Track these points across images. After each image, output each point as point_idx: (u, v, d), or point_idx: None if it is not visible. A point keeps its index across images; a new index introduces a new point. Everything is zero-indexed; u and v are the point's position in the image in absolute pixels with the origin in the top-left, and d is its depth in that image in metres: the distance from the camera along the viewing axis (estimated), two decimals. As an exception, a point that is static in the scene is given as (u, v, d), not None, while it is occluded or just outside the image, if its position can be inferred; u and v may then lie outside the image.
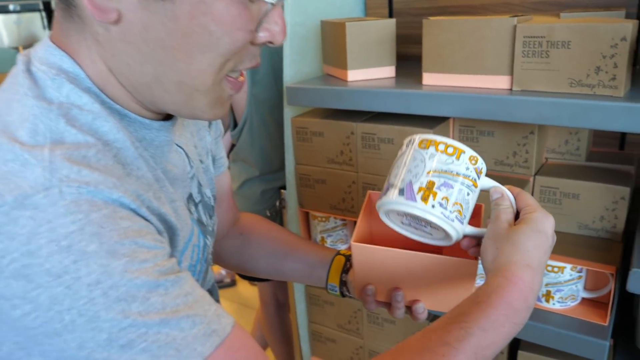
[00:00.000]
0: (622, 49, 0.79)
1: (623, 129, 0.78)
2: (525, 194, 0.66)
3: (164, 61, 0.51)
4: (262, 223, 0.94)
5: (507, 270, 0.58)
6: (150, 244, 0.46)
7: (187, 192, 0.64)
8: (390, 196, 0.65)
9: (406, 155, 0.67)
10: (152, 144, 0.58)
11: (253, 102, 1.45)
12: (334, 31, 1.13)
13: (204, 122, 0.75)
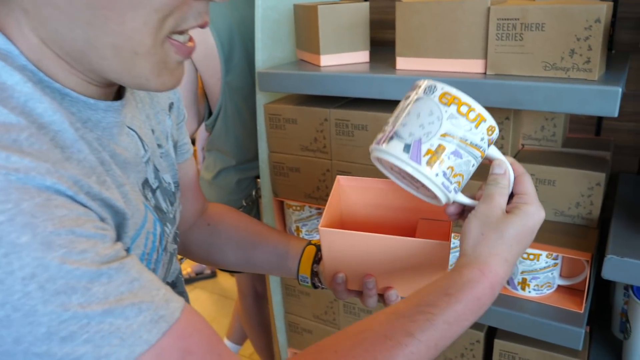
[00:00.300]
0: (596, 31, 0.77)
1: (597, 113, 0.77)
2: (527, 178, 0.62)
3: (93, 22, 0.47)
4: (231, 213, 0.91)
5: (485, 264, 0.57)
6: (89, 232, 0.43)
7: (143, 177, 0.61)
8: (393, 148, 0.58)
9: (422, 103, 0.59)
10: (99, 125, 0.54)
11: (227, 90, 1.42)
12: (306, 15, 1.09)
13: (163, 106, 0.72)
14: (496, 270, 0.56)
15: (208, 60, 1.38)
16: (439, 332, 0.53)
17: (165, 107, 0.72)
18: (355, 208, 0.78)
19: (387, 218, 0.77)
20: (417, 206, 0.75)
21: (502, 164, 0.61)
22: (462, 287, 0.55)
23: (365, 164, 1.07)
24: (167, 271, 0.69)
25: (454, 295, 0.55)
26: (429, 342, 0.52)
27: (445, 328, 0.53)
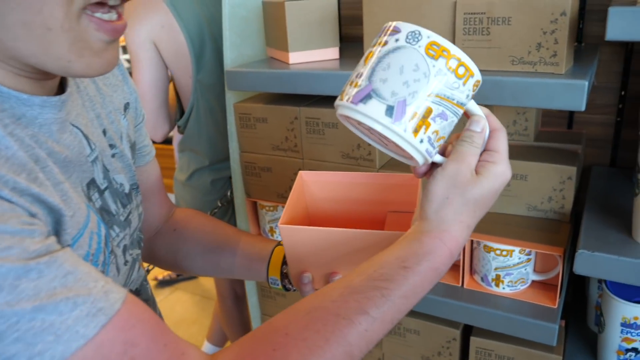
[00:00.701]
0: (562, 24, 0.77)
1: (564, 107, 0.76)
2: (502, 135, 0.57)
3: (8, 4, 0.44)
4: (198, 217, 0.88)
5: (447, 232, 0.54)
6: (15, 228, 0.41)
7: (89, 177, 0.59)
8: (373, 110, 0.51)
9: (404, 54, 0.51)
10: (34, 122, 0.51)
11: (199, 88, 1.39)
12: (274, 11, 1.07)
13: (117, 105, 0.69)
14: (457, 237, 0.55)
15: (178, 58, 1.35)
16: (394, 307, 0.51)
17: (119, 107, 0.70)
18: (322, 204, 0.76)
19: (355, 212, 0.75)
20: (385, 198, 0.73)
21: (481, 120, 0.57)
22: (421, 259, 0.53)
23: (338, 163, 1.06)
24: (128, 278, 0.67)
25: (411, 268, 0.53)
26: (385, 318, 0.51)
27: (401, 302, 0.52)
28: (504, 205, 1.02)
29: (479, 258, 0.99)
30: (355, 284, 0.53)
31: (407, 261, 0.53)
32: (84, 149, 0.58)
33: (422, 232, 0.55)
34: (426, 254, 0.53)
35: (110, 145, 0.65)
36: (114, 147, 0.66)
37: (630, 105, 1.09)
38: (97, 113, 0.64)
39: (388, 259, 0.54)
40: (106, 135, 0.65)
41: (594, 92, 1.11)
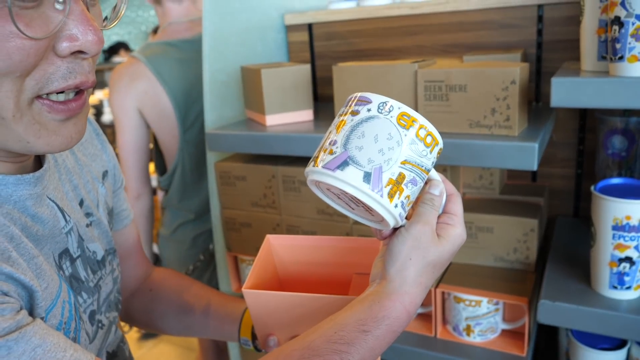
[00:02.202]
0: (512, 92, 0.84)
1: (517, 167, 0.82)
2: (458, 199, 0.61)
3: None
4: (174, 278, 0.90)
5: (407, 294, 0.56)
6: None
7: (62, 247, 0.61)
8: (350, 176, 0.52)
9: (378, 124, 0.53)
10: (9, 199, 0.55)
11: (185, 147, 1.45)
12: (251, 77, 1.14)
13: (95, 174, 0.73)
14: (416, 299, 0.56)
15: (163, 120, 1.41)
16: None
17: (98, 176, 0.73)
18: (290, 266, 0.79)
19: (322, 275, 0.78)
20: (350, 261, 0.76)
21: (439, 185, 0.60)
22: (381, 323, 0.55)
23: (314, 218, 1.11)
24: (104, 341, 0.69)
25: (371, 332, 0.54)
26: None
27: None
28: (472, 256, 1.07)
29: (450, 308, 1.03)
30: (315, 345, 0.54)
31: (367, 325, 0.55)
32: (58, 222, 0.61)
33: (383, 293, 0.57)
34: (385, 318, 0.55)
35: (87, 214, 0.68)
36: (90, 215, 0.69)
37: (588, 159, 1.16)
38: (75, 184, 0.67)
39: (348, 321, 0.56)
40: (83, 205, 0.68)
41: (554, 147, 1.18)
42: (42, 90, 0.50)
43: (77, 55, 0.50)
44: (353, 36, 1.34)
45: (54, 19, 0.48)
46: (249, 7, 1.29)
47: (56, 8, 0.48)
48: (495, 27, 1.16)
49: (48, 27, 0.48)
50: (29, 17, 0.47)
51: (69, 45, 0.49)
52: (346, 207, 0.61)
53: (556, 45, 1.12)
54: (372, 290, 0.58)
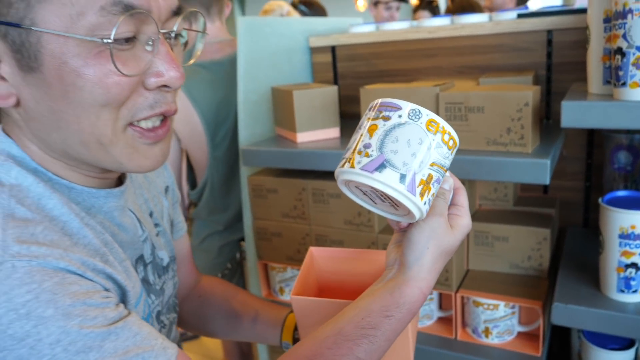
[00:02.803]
0: (526, 113, 0.92)
1: (531, 181, 0.90)
2: (464, 192, 0.68)
3: (61, 126, 0.58)
4: (220, 285, 0.99)
5: (425, 280, 0.63)
6: (98, 301, 0.53)
7: (138, 253, 0.71)
8: (388, 178, 0.57)
9: (409, 129, 0.58)
10: (101, 210, 0.64)
11: (214, 163, 1.54)
12: (283, 97, 1.24)
13: (160, 189, 0.82)
14: (431, 283, 0.63)
15: (193, 138, 1.51)
16: (380, 348, 0.61)
17: (162, 190, 0.83)
18: (330, 276, 0.86)
19: (358, 285, 0.84)
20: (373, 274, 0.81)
21: (449, 180, 0.66)
22: (402, 307, 0.62)
23: (341, 228, 1.19)
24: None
25: (394, 316, 0.61)
26: (372, 357, 0.61)
27: (385, 343, 0.62)
28: (490, 263, 1.15)
29: (470, 312, 1.11)
30: (346, 331, 0.61)
31: (390, 310, 0.62)
32: (137, 231, 0.72)
33: (403, 280, 0.63)
34: (406, 303, 0.62)
35: (155, 224, 0.79)
36: (158, 225, 0.79)
37: (596, 173, 1.24)
38: (145, 198, 0.78)
39: (373, 307, 0.62)
40: (152, 217, 0.78)
41: (564, 162, 1.26)
42: (133, 117, 0.59)
43: (162, 88, 0.60)
44: (374, 58, 1.43)
45: (144, 58, 0.58)
46: (277, 31, 1.39)
47: (146, 49, 0.58)
48: (508, 50, 1.25)
49: (139, 66, 0.57)
50: (125, 58, 0.56)
51: (155, 81, 0.59)
52: (370, 202, 0.66)
53: (565, 67, 1.21)
54: (392, 276, 0.65)
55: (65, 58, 0.54)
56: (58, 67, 0.55)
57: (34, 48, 0.54)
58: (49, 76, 0.55)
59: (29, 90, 0.57)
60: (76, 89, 0.55)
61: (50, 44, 0.54)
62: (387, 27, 1.42)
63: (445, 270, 1.09)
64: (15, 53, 0.55)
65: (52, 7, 0.53)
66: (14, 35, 0.54)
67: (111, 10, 0.53)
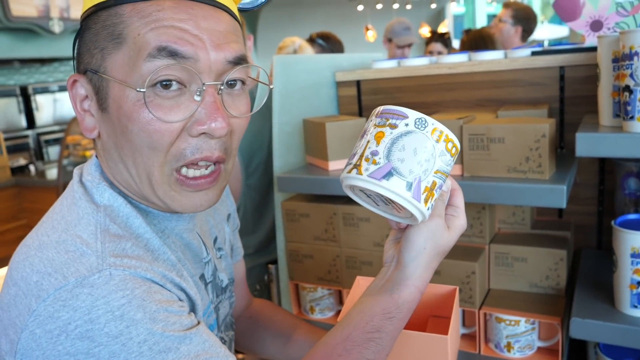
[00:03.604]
0: (543, 143, 1.02)
1: (549, 206, 0.99)
2: (461, 194, 0.72)
3: (123, 159, 0.67)
4: (269, 307, 1.07)
5: (421, 279, 0.68)
6: (176, 310, 0.62)
7: (199, 272, 0.79)
8: (395, 186, 0.60)
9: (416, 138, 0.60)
10: (173, 231, 0.73)
11: (247, 191, 1.64)
12: (315, 128, 1.34)
13: (223, 217, 0.92)
14: (427, 280, 0.69)
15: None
16: (386, 347, 0.68)
17: (224, 218, 0.93)
18: None
19: None
20: (427, 303, 0.89)
21: (447, 182, 0.69)
22: (402, 307, 0.68)
23: (370, 250, 1.28)
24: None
25: (395, 317, 0.68)
26: (380, 356, 0.67)
27: (391, 341, 0.69)
28: (510, 283, 1.23)
29: (492, 328, 1.19)
30: (354, 337, 0.67)
31: (391, 312, 0.68)
32: (202, 252, 0.80)
33: (400, 279, 0.69)
34: (405, 302, 0.68)
35: (218, 249, 0.87)
36: (221, 250, 0.88)
37: (608, 198, 1.33)
38: (211, 224, 0.87)
39: (375, 311, 0.68)
40: (216, 242, 0.87)
41: (578, 188, 1.35)
42: (178, 162, 0.66)
43: (206, 135, 0.66)
44: (396, 91, 1.54)
45: (190, 107, 0.64)
46: (307, 68, 1.50)
47: (195, 99, 0.64)
48: (523, 85, 1.35)
49: (183, 114, 0.63)
50: (169, 106, 0.63)
51: (197, 129, 0.64)
52: (372, 204, 0.70)
53: (576, 100, 1.31)
54: (390, 276, 0.71)
55: (121, 103, 0.63)
56: (117, 110, 0.64)
57: (104, 92, 0.65)
58: (112, 116, 0.65)
59: (104, 126, 0.67)
60: (128, 131, 0.64)
61: (113, 89, 0.64)
62: (409, 63, 1.53)
63: (469, 289, 1.17)
64: (96, 94, 0.66)
65: (117, 57, 0.63)
66: (95, 79, 0.66)
67: (157, 56, 0.61)
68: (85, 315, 0.56)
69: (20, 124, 5.55)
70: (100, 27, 0.64)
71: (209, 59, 0.63)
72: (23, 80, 5.81)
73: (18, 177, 4.39)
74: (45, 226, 0.66)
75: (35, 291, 0.58)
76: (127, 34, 0.62)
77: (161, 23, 0.61)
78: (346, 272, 1.33)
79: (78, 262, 0.59)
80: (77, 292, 0.57)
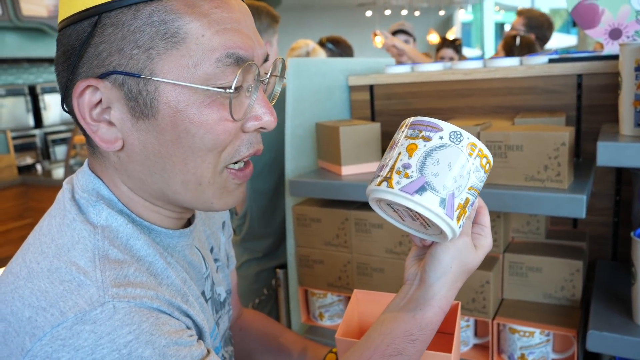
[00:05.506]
0: (562, 152, 1.00)
1: (568, 215, 0.97)
2: (487, 212, 0.69)
3: (165, 168, 0.61)
4: (260, 319, 1.03)
5: (445, 299, 0.66)
6: (186, 340, 0.58)
7: (200, 289, 0.74)
8: (429, 202, 0.57)
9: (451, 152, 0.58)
10: (175, 249, 0.69)
11: (252, 194, 1.63)
12: (328, 133, 1.33)
13: (218, 225, 0.87)
14: (451, 300, 0.67)
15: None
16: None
17: (219, 226, 0.89)
18: (371, 319, 0.89)
19: None
20: None
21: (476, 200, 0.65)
22: (425, 329, 0.65)
23: (382, 257, 1.26)
24: None
25: (418, 339, 0.65)
26: None
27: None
28: (524, 293, 1.21)
29: (506, 339, 1.17)
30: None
31: (414, 335, 0.65)
32: (202, 268, 0.75)
33: (424, 299, 0.66)
34: (429, 324, 0.65)
35: (215, 259, 0.83)
36: (217, 260, 0.84)
37: (624, 208, 1.30)
38: (207, 234, 0.82)
39: (397, 333, 0.65)
40: (213, 252, 0.82)
41: (594, 197, 1.33)
42: (231, 160, 0.64)
43: (258, 130, 0.65)
44: (410, 97, 1.53)
45: (245, 103, 0.63)
46: (320, 71, 1.49)
47: (246, 95, 0.63)
48: (539, 92, 1.34)
49: (243, 111, 0.62)
50: (234, 105, 0.61)
51: (254, 124, 0.64)
52: (398, 219, 0.67)
53: (594, 109, 1.29)
54: (413, 295, 0.68)
55: (180, 106, 0.58)
56: (173, 115, 0.59)
57: (150, 96, 0.58)
58: (162, 122, 0.59)
59: (138, 135, 0.60)
60: (188, 135, 0.59)
61: (166, 92, 0.58)
62: (423, 69, 1.52)
63: (483, 299, 1.15)
64: (130, 101, 0.59)
65: (171, 58, 0.58)
66: (131, 84, 0.58)
67: (225, 61, 0.59)
68: (89, 355, 0.51)
69: (28, 123, 5.55)
70: (141, 24, 0.57)
71: (258, 56, 0.64)
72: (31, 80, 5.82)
73: (25, 176, 4.38)
74: (33, 250, 0.60)
75: (29, 329, 0.53)
76: (186, 34, 0.58)
77: (223, 25, 0.60)
78: (357, 278, 1.31)
79: (76, 294, 0.54)
80: (78, 329, 0.52)
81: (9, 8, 4.74)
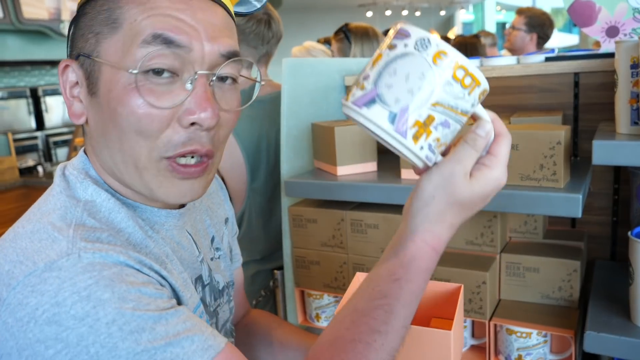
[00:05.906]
0: (558, 151, 0.99)
1: (564, 215, 0.96)
2: (505, 140, 0.60)
3: (109, 145, 0.65)
4: (266, 317, 1.05)
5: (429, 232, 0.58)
6: (152, 292, 0.58)
7: (197, 273, 0.76)
8: (376, 115, 0.51)
9: (411, 61, 0.50)
10: (163, 227, 0.71)
11: (251, 195, 1.62)
12: (324, 133, 1.32)
13: (221, 219, 0.89)
14: (440, 235, 0.59)
15: (235, 170, 1.60)
16: (400, 316, 0.58)
17: (222, 220, 0.90)
18: None
19: None
20: (429, 303, 0.87)
21: (486, 125, 0.58)
22: (408, 267, 0.58)
23: (378, 257, 1.25)
24: None
25: (401, 278, 0.58)
26: (395, 328, 0.58)
27: (404, 309, 0.59)
28: (521, 293, 1.20)
29: (503, 340, 1.16)
30: (360, 307, 0.60)
31: (396, 273, 0.58)
32: (194, 251, 0.77)
33: (405, 233, 0.60)
34: (412, 260, 0.58)
35: (216, 249, 0.85)
36: (219, 250, 0.85)
37: (622, 208, 1.29)
38: (208, 223, 0.84)
39: (381, 273, 0.60)
40: (214, 242, 0.84)
41: (591, 197, 1.32)
42: (167, 152, 0.64)
43: (196, 127, 0.64)
44: (407, 96, 1.52)
45: (180, 96, 0.63)
46: (316, 71, 1.48)
47: (186, 88, 0.63)
48: (536, 91, 1.33)
49: (173, 101, 0.62)
50: (160, 92, 0.62)
51: (187, 118, 0.63)
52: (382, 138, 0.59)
53: (591, 107, 1.28)
54: (398, 231, 0.62)
55: (112, 87, 0.63)
56: (107, 94, 0.63)
57: (95, 76, 0.64)
58: (102, 101, 0.64)
59: (92, 111, 0.66)
60: (117, 115, 0.63)
61: (105, 73, 0.64)
62: (420, 68, 1.51)
63: (480, 299, 1.14)
64: (86, 79, 0.66)
65: (112, 42, 0.63)
66: (87, 64, 0.65)
67: (151, 42, 0.61)
68: (52, 298, 0.54)
69: (30, 125, 5.57)
70: (96, 12, 0.64)
71: (203, 50, 0.63)
72: (33, 82, 5.84)
73: (26, 177, 4.39)
74: (22, 219, 0.65)
75: (7, 280, 0.57)
76: (124, 19, 0.63)
77: (158, 11, 0.62)
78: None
79: (49, 248, 0.58)
80: (46, 276, 0.55)
81: (10, 11, 4.75)
